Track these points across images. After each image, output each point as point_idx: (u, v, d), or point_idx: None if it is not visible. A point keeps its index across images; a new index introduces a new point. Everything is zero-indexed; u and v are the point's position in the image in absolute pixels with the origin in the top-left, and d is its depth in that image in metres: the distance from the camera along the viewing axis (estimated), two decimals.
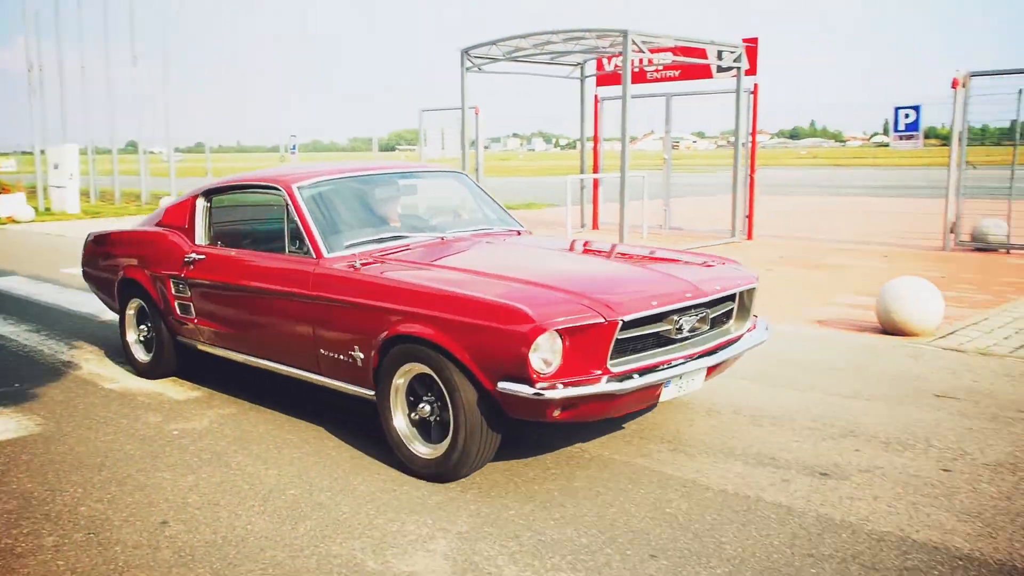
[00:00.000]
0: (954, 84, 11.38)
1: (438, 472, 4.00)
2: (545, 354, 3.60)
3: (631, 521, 3.61)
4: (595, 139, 14.73)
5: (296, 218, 4.72)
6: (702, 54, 12.71)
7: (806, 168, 47.13)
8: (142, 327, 6.02)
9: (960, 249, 11.69)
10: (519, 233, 5.53)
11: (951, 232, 11.76)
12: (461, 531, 3.54)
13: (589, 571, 3.20)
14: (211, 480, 4.14)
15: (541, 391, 3.58)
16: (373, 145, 22.97)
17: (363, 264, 4.39)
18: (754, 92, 13.00)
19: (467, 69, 12.96)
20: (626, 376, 3.77)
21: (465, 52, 12.82)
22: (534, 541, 3.45)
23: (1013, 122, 11.58)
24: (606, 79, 14.52)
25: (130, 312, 6.08)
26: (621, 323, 3.70)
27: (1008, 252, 11.42)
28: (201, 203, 5.55)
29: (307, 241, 4.63)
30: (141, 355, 6.03)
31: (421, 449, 4.11)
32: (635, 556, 3.30)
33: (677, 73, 13.82)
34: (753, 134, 13.34)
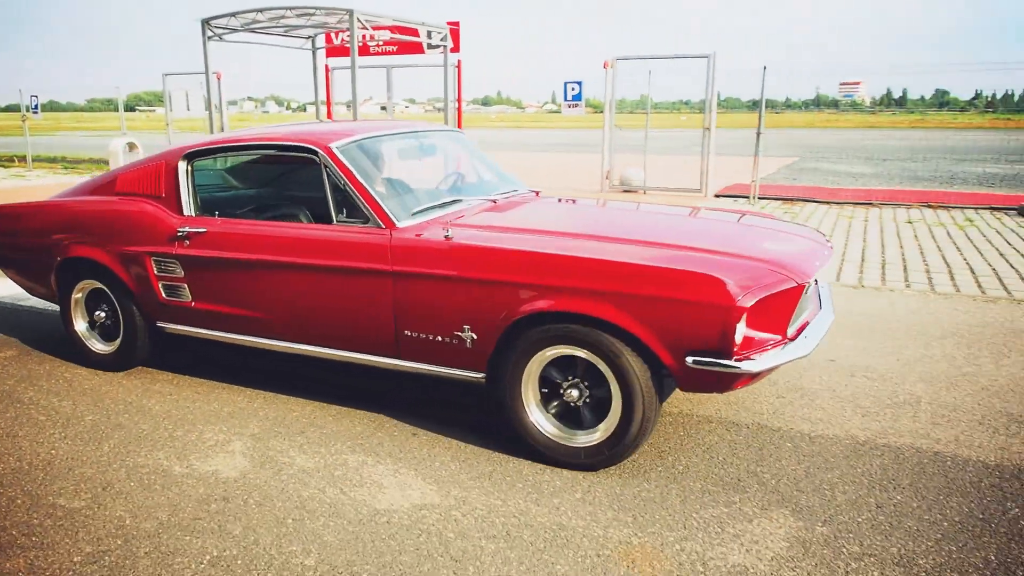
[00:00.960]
0: (605, 65, 12.52)
1: (596, 461, 3.15)
2: (747, 325, 2.88)
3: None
4: (328, 103, 14.37)
5: (347, 184, 3.56)
6: (415, 33, 12.79)
7: (497, 130, 49.09)
8: (99, 313, 4.43)
9: (612, 190, 13.03)
10: (537, 194, 4.48)
11: (606, 178, 13.07)
12: (254, 433, 3.58)
13: (366, 451, 3.40)
14: (4, 416, 3.77)
15: (739, 364, 2.84)
16: (119, 106, 20.49)
17: (456, 232, 3.35)
18: (458, 67, 13.36)
19: (208, 38, 12.04)
20: (799, 339, 3.10)
21: (206, 22, 11.89)
22: (318, 434, 3.58)
23: (643, 96, 13.01)
24: (335, 51, 14.18)
25: (77, 296, 4.46)
26: (807, 286, 3.03)
27: (644, 192, 12.92)
28: (184, 168, 4.08)
29: (368, 209, 3.48)
30: (100, 346, 4.45)
31: (562, 437, 3.22)
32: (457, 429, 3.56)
33: (395, 48, 13.83)
34: (459, 101, 13.74)
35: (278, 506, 2.93)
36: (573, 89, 13.22)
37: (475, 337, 3.26)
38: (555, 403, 3.23)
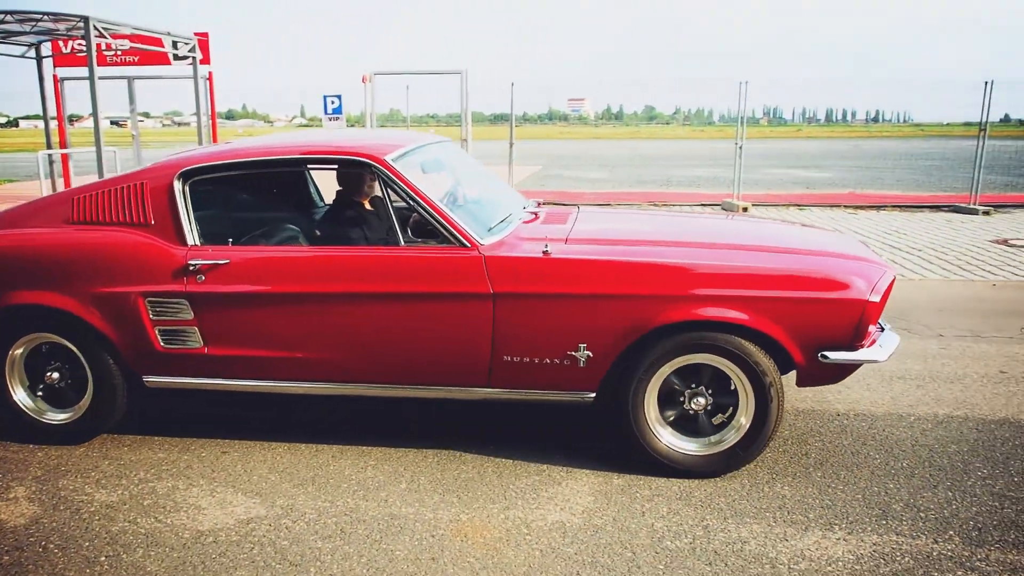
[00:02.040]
0: (363, 79, 12.54)
1: (731, 464, 3.08)
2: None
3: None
4: (59, 117, 12.75)
5: (415, 200, 3.14)
6: (159, 43, 11.84)
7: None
8: (51, 374, 3.44)
9: None
10: (539, 204, 4.11)
11: None
12: (36, 476, 3.19)
13: (175, 476, 3.18)
14: None
15: (871, 354, 2.97)
16: None
17: (554, 247, 3.08)
18: (210, 79, 12.59)
19: None
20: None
21: None
22: (114, 466, 3.27)
23: (392, 110, 13.24)
24: (66, 60, 12.63)
25: (16, 352, 3.44)
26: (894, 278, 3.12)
27: None
28: (180, 189, 3.31)
29: (445, 227, 3.09)
30: (55, 415, 3.47)
31: (686, 446, 3.10)
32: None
33: (137, 59, 12.67)
34: (213, 115, 12.94)
35: (85, 546, 2.66)
36: (333, 103, 13.05)
37: (591, 355, 3.03)
38: (670, 413, 3.11)
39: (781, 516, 2.80)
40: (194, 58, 12.22)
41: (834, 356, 2.94)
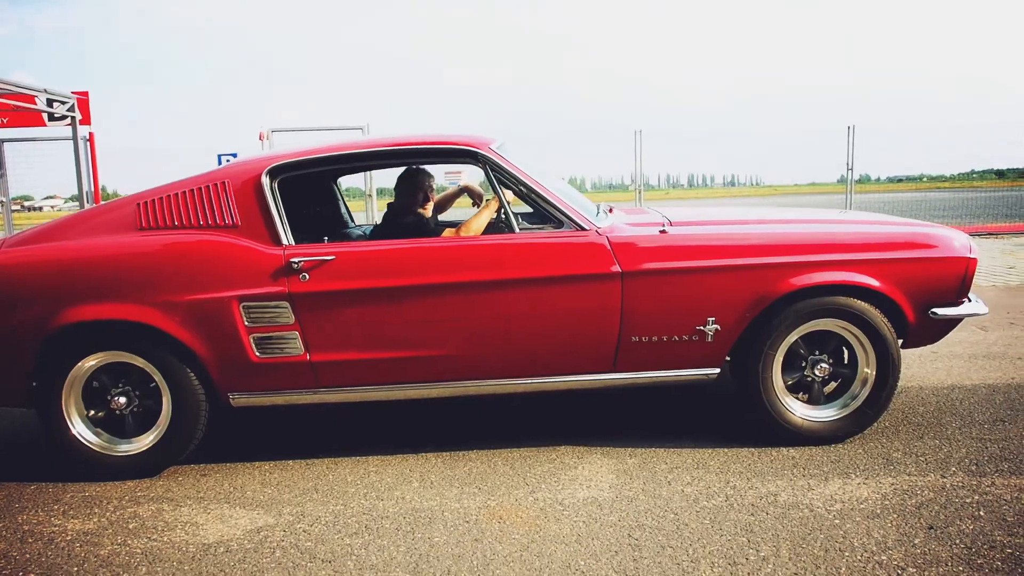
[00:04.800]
0: (260, 136, 12.29)
1: (862, 425, 3.19)
2: None
3: None
4: None
5: (528, 186, 3.11)
6: (31, 100, 11.13)
7: None
8: (118, 399, 3.04)
9: None
10: None
11: None
12: None
13: (155, 500, 2.87)
14: None
15: (976, 308, 3.18)
16: None
17: (670, 227, 3.17)
18: (91, 140, 11.92)
19: None
20: None
21: None
22: (80, 497, 2.92)
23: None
24: None
25: (73, 378, 3.01)
26: None
27: None
28: (270, 186, 3.07)
29: (561, 212, 3.07)
30: (124, 446, 3.08)
31: (817, 414, 3.17)
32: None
33: (5, 120, 11.82)
34: (95, 177, 12.21)
35: (74, 571, 2.35)
36: (228, 160, 12.68)
37: (719, 329, 3.06)
38: (791, 382, 3.17)
39: (799, 472, 2.89)
40: (73, 118, 11.58)
41: (943, 312, 3.12)
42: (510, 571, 2.25)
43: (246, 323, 2.98)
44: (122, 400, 3.06)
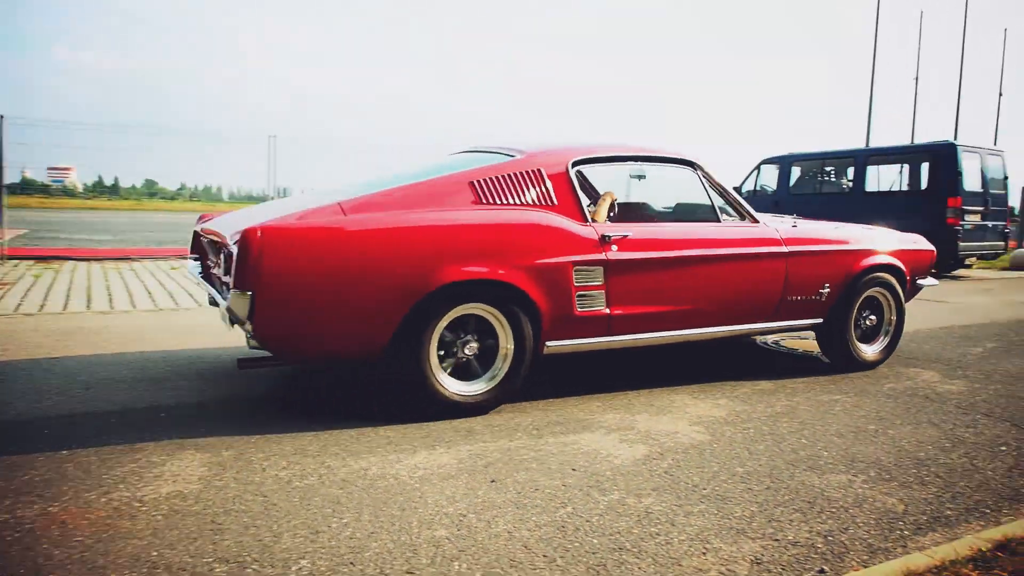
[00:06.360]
0: None
1: (879, 360, 4.97)
2: None
3: None
4: None
5: (722, 190, 4.37)
6: None
7: None
8: (471, 345, 3.54)
9: None
10: None
11: None
12: None
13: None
14: None
15: (930, 281, 5.33)
16: None
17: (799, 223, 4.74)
18: None
19: None
20: None
21: None
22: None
23: None
24: None
25: (439, 328, 3.43)
26: None
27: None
28: (575, 174, 3.89)
29: (743, 209, 4.40)
30: (463, 387, 3.55)
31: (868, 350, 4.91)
32: None
33: None
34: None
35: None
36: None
37: (828, 291, 4.55)
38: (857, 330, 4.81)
39: (391, 448, 3.11)
40: None
41: (920, 281, 5.19)
42: (67, 574, 2.04)
43: (575, 283, 3.69)
44: (473, 347, 3.54)
